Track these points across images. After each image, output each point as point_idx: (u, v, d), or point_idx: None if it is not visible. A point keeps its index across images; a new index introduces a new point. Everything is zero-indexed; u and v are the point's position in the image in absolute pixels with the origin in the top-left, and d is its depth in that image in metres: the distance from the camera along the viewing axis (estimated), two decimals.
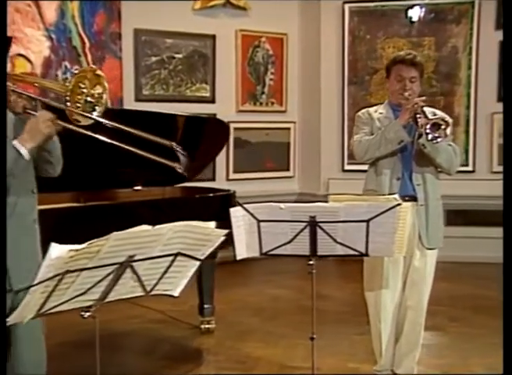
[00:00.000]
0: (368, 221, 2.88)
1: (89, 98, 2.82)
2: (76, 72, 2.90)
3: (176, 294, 2.57)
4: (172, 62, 6.51)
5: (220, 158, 6.79)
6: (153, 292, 2.49)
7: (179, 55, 6.54)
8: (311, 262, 3.04)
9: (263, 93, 7.05)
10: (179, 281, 2.54)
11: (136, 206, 4.28)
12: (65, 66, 5.96)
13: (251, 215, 3.00)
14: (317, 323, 4.96)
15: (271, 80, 7.09)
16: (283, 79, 7.14)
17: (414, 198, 3.45)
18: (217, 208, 4.42)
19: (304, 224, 2.95)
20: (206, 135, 4.88)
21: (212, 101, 6.74)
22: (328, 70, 6.96)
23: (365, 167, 7.39)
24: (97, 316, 2.31)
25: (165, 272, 2.43)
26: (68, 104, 2.73)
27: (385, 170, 3.48)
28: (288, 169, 7.28)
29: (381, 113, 3.58)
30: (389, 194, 3.45)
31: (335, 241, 2.96)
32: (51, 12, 5.79)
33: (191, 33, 6.57)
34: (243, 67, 6.90)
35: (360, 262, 3.67)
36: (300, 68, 7.13)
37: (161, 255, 2.37)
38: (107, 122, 2.91)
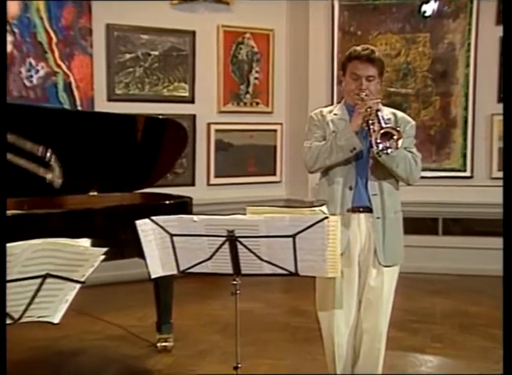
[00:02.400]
0: (293, 236, 2.59)
1: None
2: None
3: (55, 320, 2.31)
4: (147, 60, 6.24)
5: (200, 162, 6.60)
6: (25, 319, 2.23)
7: (156, 52, 6.26)
8: (234, 282, 2.80)
9: (247, 93, 6.75)
10: (57, 306, 2.29)
11: (84, 213, 4.07)
12: (30, 63, 5.71)
13: (162, 228, 2.73)
14: (286, 341, 4.70)
15: (256, 78, 6.79)
16: (269, 78, 6.83)
17: (369, 210, 3.21)
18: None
19: (222, 239, 2.67)
20: (167, 138, 4.69)
21: (191, 101, 6.46)
22: (317, 69, 6.67)
23: None
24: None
25: (34, 296, 2.18)
26: None
27: (337, 179, 3.23)
28: (274, 174, 6.96)
29: (335, 115, 3.30)
30: (341, 204, 3.22)
31: (259, 258, 2.68)
32: (13, 4, 5.53)
33: (169, 29, 6.28)
34: (226, 65, 6.61)
35: None
36: (287, 66, 6.84)
37: (24, 277, 2.13)
38: None
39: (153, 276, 2.81)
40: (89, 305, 5.06)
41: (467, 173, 6.55)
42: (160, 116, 4.79)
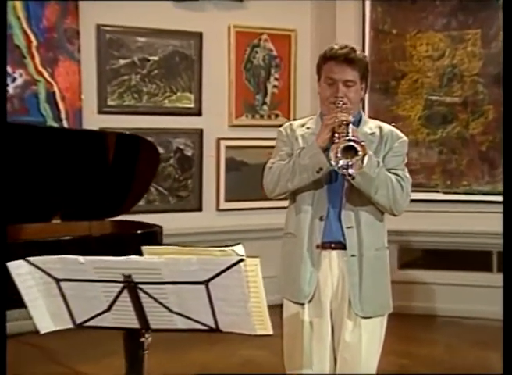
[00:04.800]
0: (205, 283, 2.17)
1: None
2: None
3: None
4: (145, 66, 5.86)
5: (208, 184, 6.21)
6: None
7: (155, 58, 5.88)
8: (142, 339, 2.38)
9: (264, 103, 6.28)
10: None
11: (34, 245, 3.79)
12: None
13: (43, 272, 2.30)
14: None
15: (274, 87, 6.31)
16: (290, 86, 6.33)
17: (342, 246, 2.88)
18: (135, 248, 3.77)
19: (120, 286, 2.24)
20: (141, 158, 4.42)
21: (198, 113, 6.05)
22: None
23: None
24: None
25: None
26: None
27: (305, 207, 2.92)
28: None
29: (308, 128, 2.98)
30: (309, 238, 2.88)
31: (168, 309, 2.26)
32: None
33: (170, 31, 5.90)
34: (239, 72, 6.18)
35: None
36: (311, 72, 6.15)
37: None
38: None
39: (42, 332, 2.39)
40: (63, 354, 4.81)
41: None
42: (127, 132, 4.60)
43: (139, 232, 4.01)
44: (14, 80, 5.38)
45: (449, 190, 6.01)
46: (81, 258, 2.19)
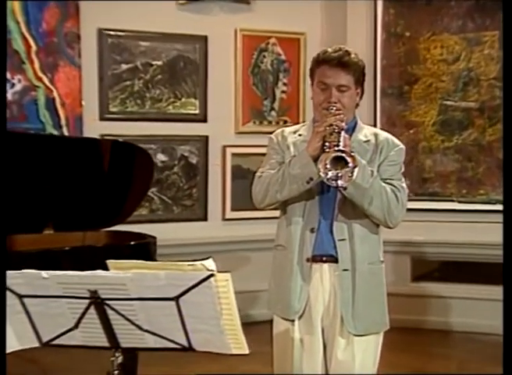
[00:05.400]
0: (176, 299, 2.06)
1: None
2: None
3: None
4: (148, 71, 5.74)
5: (214, 193, 6.09)
6: None
7: (159, 62, 5.76)
8: (112, 359, 2.25)
9: (272, 109, 6.14)
10: None
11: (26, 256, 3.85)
12: None
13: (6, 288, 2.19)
14: None
15: (283, 92, 6.16)
16: (300, 91, 6.17)
17: (334, 260, 2.79)
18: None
19: (86, 302, 2.13)
20: (136, 166, 4.44)
21: (203, 120, 5.92)
22: None
23: (420, 205, 6.27)
24: None
25: None
26: None
27: (295, 218, 2.84)
28: None
29: (300, 135, 2.89)
30: (300, 251, 2.79)
31: (138, 327, 2.15)
32: None
33: (174, 34, 5.78)
34: (245, 76, 6.03)
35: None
36: None
37: None
38: None
39: (8, 351, 2.27)
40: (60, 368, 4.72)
41: None
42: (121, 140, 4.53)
43: (132, 243, 3.95)
44: (13, 85, 5.31)
45: (465, 199, 5.83)
46: (44, 273, 2.08)
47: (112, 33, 5.60)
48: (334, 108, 2.70)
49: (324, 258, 2.77)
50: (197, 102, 5.89)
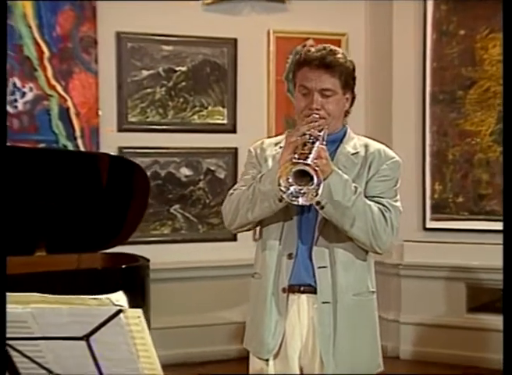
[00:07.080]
0: (86, 339, 1.84)
1: None
2: None
3: None
4: (171, 78, 5.62)
5: None
6: None
7: (183, 68, 5.64)
8: None
9: None
10: None
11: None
12: (14, 84, 5.18)
13: None
14: None
15: None
16: None
17: (313, 290, 2.59)
18: (116, 284, 3.65)
19: None
20: (136, 184, 4.33)
21: (232, 130, 5.79)
22: (403, 83, 5.87)
23: (476, 225, 5.91)
24: None
25: None
26: None
27: (271, 242, 2.66)
28: None
29: (281, 148, 2.67)
30: (275, 280, 2.63)
31: (49, 371, 1.92)
32: None
33: (200, 37, 5.67)
34: (279, 82, 5.86)
35: None
36: (365, 81, 5.93)
37: None
38: None
39: None
40: None
41: None
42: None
43: (123, 267, 3.82)
44: (23, 94, 5.22)
45: None
46: None
47: (131, 36, 5.52)
48: (317, 115, 2.53)
49: (302, 289, 2.57)
50: (225, 111, 5.78)
